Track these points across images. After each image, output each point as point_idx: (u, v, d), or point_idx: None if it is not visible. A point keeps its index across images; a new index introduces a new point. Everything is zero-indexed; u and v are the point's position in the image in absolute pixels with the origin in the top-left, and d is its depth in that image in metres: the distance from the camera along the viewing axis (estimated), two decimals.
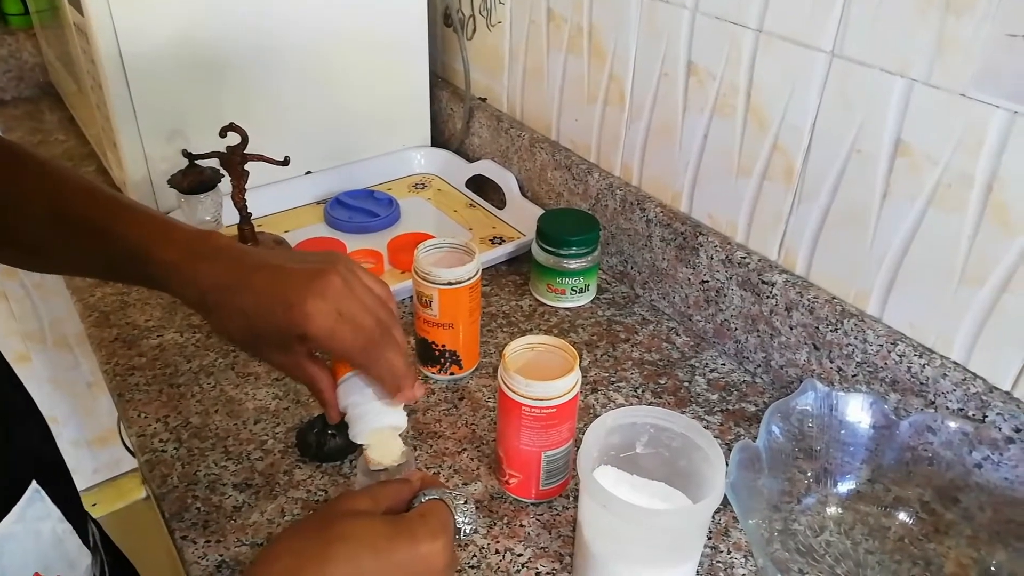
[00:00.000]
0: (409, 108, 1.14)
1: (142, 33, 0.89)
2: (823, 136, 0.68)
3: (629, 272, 0.92)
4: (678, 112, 0.81)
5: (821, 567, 0.60)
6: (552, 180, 1.00)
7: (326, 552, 0.40)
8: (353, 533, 0.41)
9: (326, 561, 0.39)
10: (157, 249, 0.48)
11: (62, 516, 0.50)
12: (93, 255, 0.51)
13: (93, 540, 0.56)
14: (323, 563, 0.39)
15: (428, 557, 0.41)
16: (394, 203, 1.04)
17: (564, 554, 0.61)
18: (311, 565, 0.39)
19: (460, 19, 1.10)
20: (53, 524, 0.49)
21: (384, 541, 0.41)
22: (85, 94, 1.04)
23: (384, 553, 0.40)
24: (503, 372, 0.60)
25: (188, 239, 0.49)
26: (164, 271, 0.48)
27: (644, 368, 0.80)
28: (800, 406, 0.64)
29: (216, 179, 0.90)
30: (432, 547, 0.41)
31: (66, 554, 0.50)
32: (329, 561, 0.39)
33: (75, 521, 0.52)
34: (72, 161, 1.18)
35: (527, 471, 0.63)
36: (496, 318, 0.86)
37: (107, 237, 0.49)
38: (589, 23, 0.89)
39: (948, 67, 0.58)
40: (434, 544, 0.41)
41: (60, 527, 0.50)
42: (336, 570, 0.39)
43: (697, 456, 0.55)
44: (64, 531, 0.50)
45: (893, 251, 0.66)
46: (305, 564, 0.39)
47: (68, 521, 0.51)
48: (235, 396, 0.74)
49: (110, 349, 0.80)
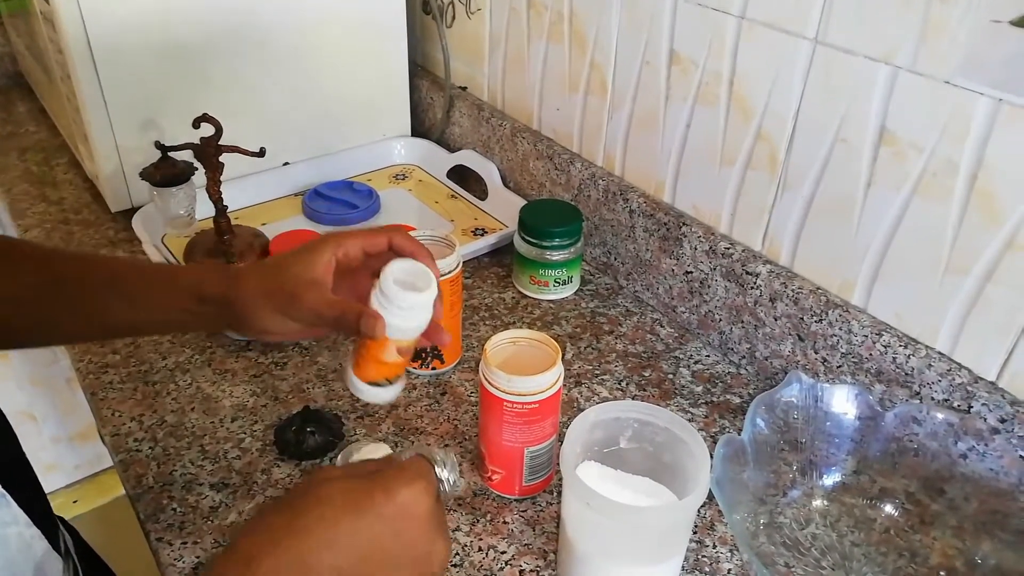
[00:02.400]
0: (388, 97, 1.12)
1: (111, 20, 0.86)
2: (807, 125, 0.67)
3: (612, 263, 0.91)
4: (661, 101, 0.80)
5: (807, 560, 0.60)
6: (534, 170, 0.99)
7: (302, 520, 0.39)
8: (328, 496, 0.40)
9: (303, 530, 0.38)
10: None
11: (29, 521, 0.48)
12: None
13: (64, 546, 0.54)
14: (300, 532, 0.38)
15: (407, 505, 0.40)
16: (374, 194, 1.02)
17: (548, 551, 0.60)
18: (288, 535, 0.38)
19: (439, 6, 1.08)
20: (20, 529, 0.48)
21: (360, 498, 0.40)
22: (55, 85, 1.01)
23: (361, 510, 0.39)
24: (484, 367, 0.59)
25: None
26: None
27: (628, 360, 0.79)
28: (785, 398, 0.64)
29: (190, 172, 0.88)
30: (409, 493, 0.40)
31: (34, 559, 0.49)
32: (306, 529, 0.38)
33: (43, 526, 0.50)
34: (44, 153, 1.15)
35: (510, 467, 0.62)
36: (478, 311, 0.85)
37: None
38: (570, 10, 0.87)
39: (933, 54, 0.57)
40: (411, 490, 0.40)
41: (27, 532, 0.48)
42: (313, 536, 0.38)
43: (681, 450, 0.55)
44: (32, 536, 0.49)
45: (878, 241, 0.65)
46: (281, 537, 0.38)
47: (36, 526, 0.49)
48: (212, 393, 0.73)
49: (83, 347, 0.78)
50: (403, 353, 0.52)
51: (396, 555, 0.40)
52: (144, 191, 0.91)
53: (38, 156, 1.15)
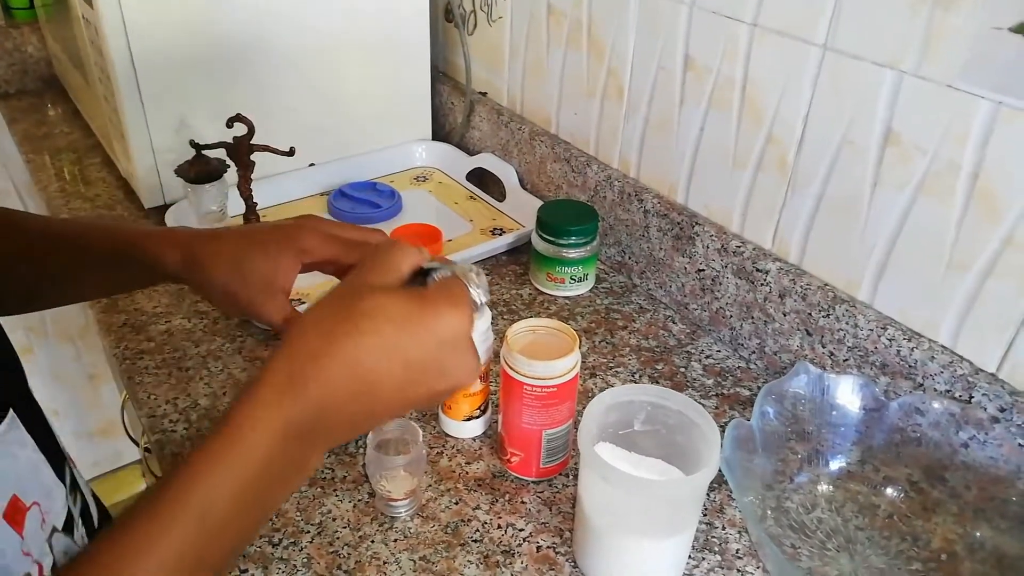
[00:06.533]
0: (411, 102, 1.16)
1: (151, 24, 0.90)
2: (816, 128, 0.70)
3: (627, 262, 0.94)
4: (675, 105, 0.83)
5: (812, 543, 0.62)
6: (551, 172, 1.02)
7: (356, 326, 0.41)
8: (379, 308, 0.42)
9: (356, 334, 0.40)
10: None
11: (35, 446, 0.49)
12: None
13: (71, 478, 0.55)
14: (353, 336, 0.40)
15: (454, 328, 0.43)
16: (396, 195, 1.06)
17: (564, 529, 0.63)
18: (342, 340, 0.40)
19: (461, 15, 1.12)
20: (28, 453, 0.48)
21: (412, 314, 0.42)
22: (92, 86, 1.05)
23: (411, 326, 0.42)
24: (506, 352, 0.62)
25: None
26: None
27: (641, 354, 0.82)
28: (793, 389, 0.66)
29: (222, 169, 0.92)
30: (456, 317, 0.43)
31: (42, 483, 0.49)
32: (359, 334, 0.40)
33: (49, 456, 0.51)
34: (77, 153, 1.20)
35: (528, 449, 0.65)
36: (497, 306, 0.88)
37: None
38: (588, 18, 0.91)
39: (936, 59, 0.60)
40: (458, 314, 0.43)
41: (35, 456, 0.49)
42: (365, 342, 0.40)
43: (693, 433, 0.57)
44: (38, 461, 0.49)
45: (883, 239, 0.68)
46: (335, 341, 0.40)
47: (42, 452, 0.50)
48: (243, 379, 0.76)
49: (119, 334, 0.82)
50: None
51: (438, 368, 0.43)
52: (177, 188, 0.95)
53: (72, 156, 1.19)
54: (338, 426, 0.41)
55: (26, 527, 0.46)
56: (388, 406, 0.42)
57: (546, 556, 0.61)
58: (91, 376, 1.74)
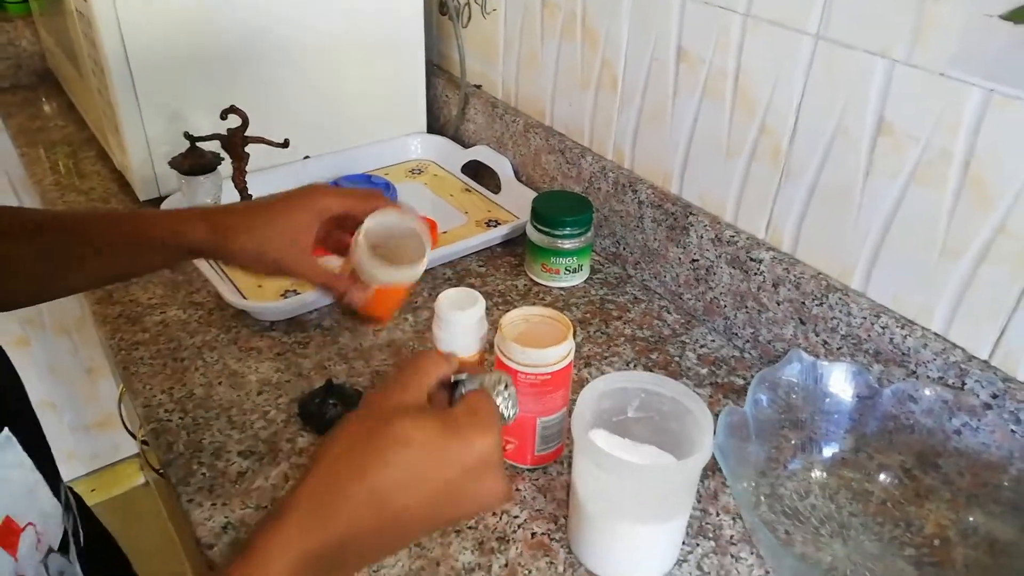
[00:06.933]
0: (406, 95, 1.16)
1: (144, 17, 0.90)
2: (808, 117, 0.71)
3: (621, 253, 0.94)
4: (669, 96, 0.84)
5: (806, 528, 0.63)
6: (546, 164, 1.02)
7: (383, 458, 0.40)
8: (407, 437, 0.41)
9: (383, 466, 0.40)
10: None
11: (33, 466, 0.49)
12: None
13: (66, 498, 0.55)
14: (381, 470, 0.40)
15: (482, 454, 0.42)
16: (391, 187, 1.06)
17: (559, 516, 0.63)
18: (370, 474, 0.40)
19: (456, 7, 1.12)
20: (24, 473, 0.49)
21: (439, 442, 0.41)
22: (86, 79, 1.05)
23: (440, 455, 0.41)
24: (500, 340, 0.62)
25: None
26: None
27: (636, 344, 0.82)
28: (786, 376, 0.66)
29: (216, 162, 0.92)
30: (484, 444, 0.42)
31: (37, 503, 0.50)
32: (386, 466, 0.40)
33: (47, 475, 0.51)
34: (72, 146, 1.20)
35: (523, 437, 0.65)
36: (492, 297, 0.88)
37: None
38: (583, 10, 0.91)
39: (928, 47, 0.60)
40: (486, 440, 0.42)
41: (31, 476, 0.49)
42: (393, 476, 0.40)
43: (687, 419, 0.58)
44: (35, 481, 0.50)
45: (876, 227, 0.68)
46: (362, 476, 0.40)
47: (39, 472, 0.50)
48: (238, 369, 0.76)
49: (114, 325, 0.82)
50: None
51: (464, 495, 0.42)
52: (172, 180, 0.95)
53: (67, 149, 1.19)
54: (361, 557, 0.41)
55: (20, 549, 0.46)
56: (413, 534, 0.42)
57: (541, 543, 0.61)
58: (89, 370, 1.74)
